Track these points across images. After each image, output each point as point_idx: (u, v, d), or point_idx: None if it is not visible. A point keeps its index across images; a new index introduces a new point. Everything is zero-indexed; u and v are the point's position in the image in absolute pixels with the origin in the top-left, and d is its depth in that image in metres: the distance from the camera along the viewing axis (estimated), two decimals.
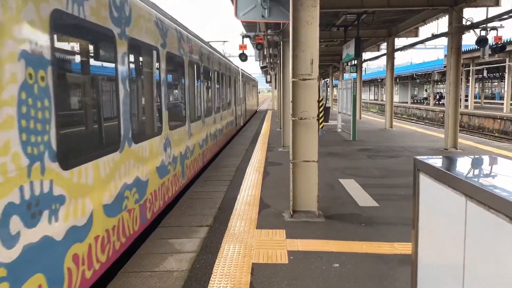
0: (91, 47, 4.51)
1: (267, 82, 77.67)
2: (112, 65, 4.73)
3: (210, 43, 18.01)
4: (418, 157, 2.79)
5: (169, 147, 6.68)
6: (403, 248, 5.00)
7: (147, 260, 4.78)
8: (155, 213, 5.94)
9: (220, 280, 4.24)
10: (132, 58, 5.27)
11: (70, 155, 3.69)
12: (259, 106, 54.79)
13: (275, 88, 38.79)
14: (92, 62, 4.53)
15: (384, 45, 23.03)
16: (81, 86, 4.36)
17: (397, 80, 51.39)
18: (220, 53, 17.06)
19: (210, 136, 11.28)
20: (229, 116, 16.44)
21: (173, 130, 7.06)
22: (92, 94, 4.52)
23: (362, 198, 7.35)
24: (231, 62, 20.38)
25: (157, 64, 6.40)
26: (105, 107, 4.71)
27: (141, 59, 6.03)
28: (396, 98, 50.78)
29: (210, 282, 4.21)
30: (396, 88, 54.31)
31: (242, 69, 24.77)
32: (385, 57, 21.30)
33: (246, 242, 5.28)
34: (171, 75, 7.45)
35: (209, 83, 11.91)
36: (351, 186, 8.18)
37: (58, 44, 3.53)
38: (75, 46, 4.16)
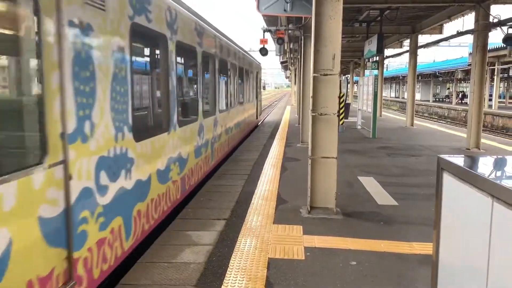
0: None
1: (286, 77, 77.25)
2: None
3: None
4: (442, 156, 2.72)
5: None
6: (422, 248, 4.92)
7: (165, 251, 4.82)
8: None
9: (236, 273, 4.25)
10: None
11: None
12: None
13: (295, 83, 38.50)
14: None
15: (407, 42, 22.64)
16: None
17: (419, 78, 50.46)
18: None
19: None
20: None
21: None
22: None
23: (381, 196, 7.26)
24: None
25: None
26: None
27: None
28: (417, 96, 49.87)
29: (226, 275, 4.21)
30: (418, 86, 53.40)
31: None
32: (407, 54, 20.93)
33: (263, 237, 5.27)
34: None
35: None
36: (370, 184, 8.09)
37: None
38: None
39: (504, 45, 15.58)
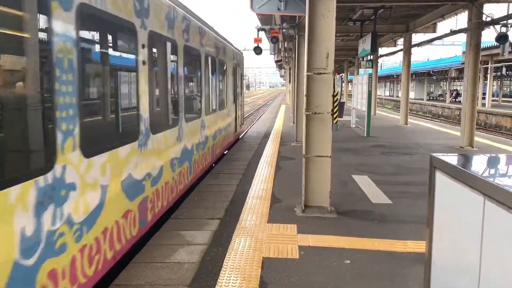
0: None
1: (281, 76, 77.99)
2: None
3: None
4: (435, 154, 2.73)
5: None
6: (416, 246, 4.93)
7: (158, 251, 4.80)
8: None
9: (230, 273, 4.24)
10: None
11: None
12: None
13: (289, 82, 38.45)
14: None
15: (401, 41, 22.70)
16: None
17: (413, 77, 50.66)
18: None
19: None
20: None
21: None
22: None
23: (375, 195, 7.27)
24: None
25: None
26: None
27: None
28: (411, 95, 50.02)
29: (220, 275, 4.20)
30: (412, 85, 53.52)
31: None
32: (401, 52, 20.99)
33: (257, 236, 5.26)
34: None
35: None
36: (365, 183, 8.10)
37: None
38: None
39: (497, 44, 15.64)
